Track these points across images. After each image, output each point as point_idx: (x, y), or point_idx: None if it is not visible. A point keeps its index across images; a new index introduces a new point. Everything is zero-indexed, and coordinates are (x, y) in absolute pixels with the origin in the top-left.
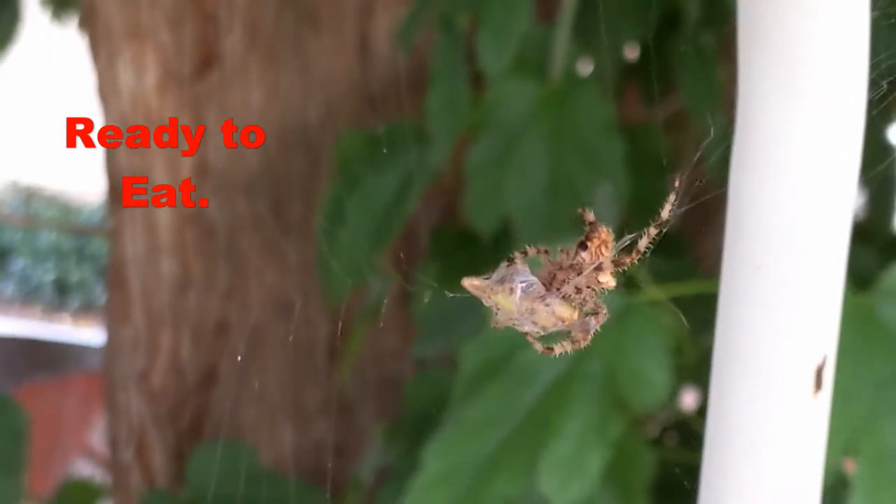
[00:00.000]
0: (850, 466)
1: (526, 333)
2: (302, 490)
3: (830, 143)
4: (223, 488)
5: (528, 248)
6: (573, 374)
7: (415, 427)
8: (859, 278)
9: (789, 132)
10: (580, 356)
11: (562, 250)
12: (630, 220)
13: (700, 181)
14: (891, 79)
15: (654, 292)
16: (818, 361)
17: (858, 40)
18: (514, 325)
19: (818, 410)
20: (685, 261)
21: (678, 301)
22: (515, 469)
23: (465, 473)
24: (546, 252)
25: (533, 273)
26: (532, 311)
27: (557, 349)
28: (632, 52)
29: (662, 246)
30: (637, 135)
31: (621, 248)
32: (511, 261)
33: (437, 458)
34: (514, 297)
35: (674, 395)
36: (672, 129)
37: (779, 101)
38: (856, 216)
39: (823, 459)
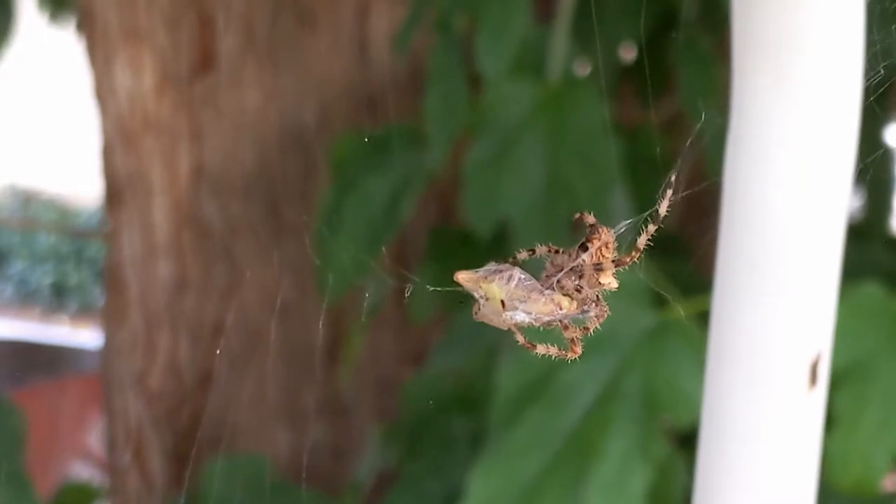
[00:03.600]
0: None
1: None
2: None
3: (825, 137)
4: (238, 501)
5: (538, 246)
6: (612, 393)
7: (413, 429)
8: (885, 279)
9: (783, 127)
10: (618, 374)
11: (563, 252)
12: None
13: (703, 183)
14: (886, 64)
15: (683, 308)
16: (813, 357)
17: (853, 31)
18: (496, 319)
19: (813, 405)
20: (686, 264)
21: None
22: (560, 491)
23: (511, 497)
24: (557, 252)
25: (536, 277)
26: (525, 298)
27: (541, 349)
28: (628, 54)
29: (663, 248)
30: (634, 136)
31: (616, 233)
32: (514, 259)
33: (481, 482)
34: (510, 286)
35: None
36: (669, 130)
37: (773, 95)
38: (853, 217)
39: (819, 454)
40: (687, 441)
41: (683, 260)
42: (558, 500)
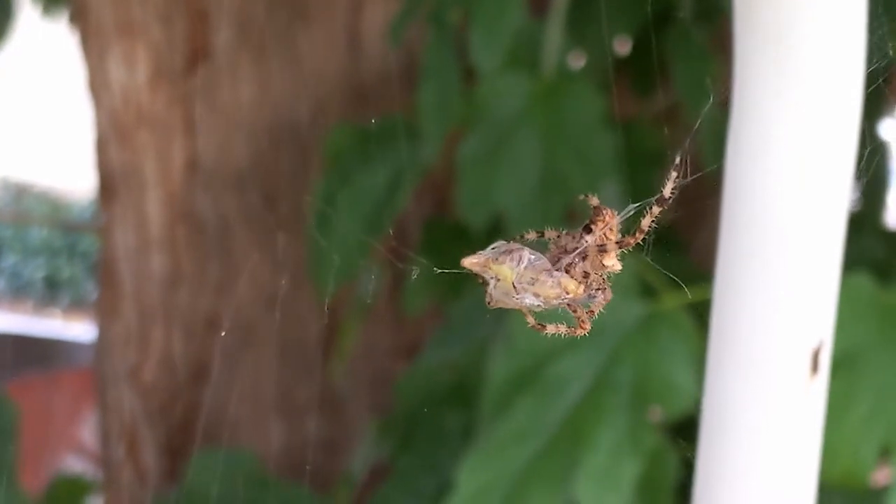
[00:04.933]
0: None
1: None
2: (310, 498)
3: (827, 127)
4: (225, 496)
5: (546, 230)
6: (603, 383)
7: (407, 422)
8: (877, 270)
9: (785, 117)
10: (609, 365)
11: (567, 233)
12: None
13: (692, 174)
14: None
15: (675, 298)
16: (814, 345)
17: (855, 21)
18: (510, 301)
19: (815, 394)
20: (683, 257)
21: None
22: (550, 482)
23: (500, 488)
24: (559, 236)
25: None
26: (534, 281)
27: (551, 328)
28: (623, 47)
29: (658, 240)
30: (630, 129)
31: (623, 219)
32: (521, 239)
33: (470, 473)
34: (520, 266)
35: None
36: (665, 122)
37: (774, 86)
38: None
39: (820, 443)
40: (679, 432)
41: (678, 250)
42: (548, 490)
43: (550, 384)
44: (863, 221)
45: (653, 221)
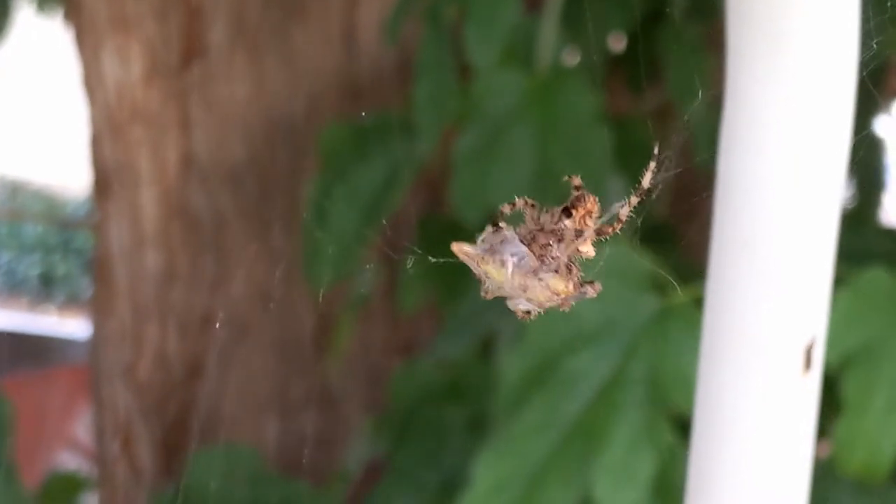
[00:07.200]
0: None
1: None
2: (310, 494)
3: (820, 120)
4: (224, 493)
5: (516, 199)
6: (618, 379)
7: (403, 418)
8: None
9: (778, 111)
10: (624, 360)
11: (546, 211)
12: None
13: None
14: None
15: (687, 293)
16: (807, 341)
17: (848, 17)
18: (505, 296)
19: (808, 390)
20: (675, 252)
21: None
22: (567, 477)
23: (517, 483)
24: (532, 206)
25: (515, 231)
26: (525, 288)
27: (534, 312)
28: (617, 43)
29: (652, 236)
30: (624, 125)
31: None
32: (497, 224)
33: (487, 469)
34: (507, 272)
35: None
36: (658, 118)
37: (767, 79)
38: (844, 206)
39: (814, 438)
40: (688, 429)
41: (673, 247)
42: (564, 485)
43: (565, 380)
44: (858, 218)
45: (631, 212)
